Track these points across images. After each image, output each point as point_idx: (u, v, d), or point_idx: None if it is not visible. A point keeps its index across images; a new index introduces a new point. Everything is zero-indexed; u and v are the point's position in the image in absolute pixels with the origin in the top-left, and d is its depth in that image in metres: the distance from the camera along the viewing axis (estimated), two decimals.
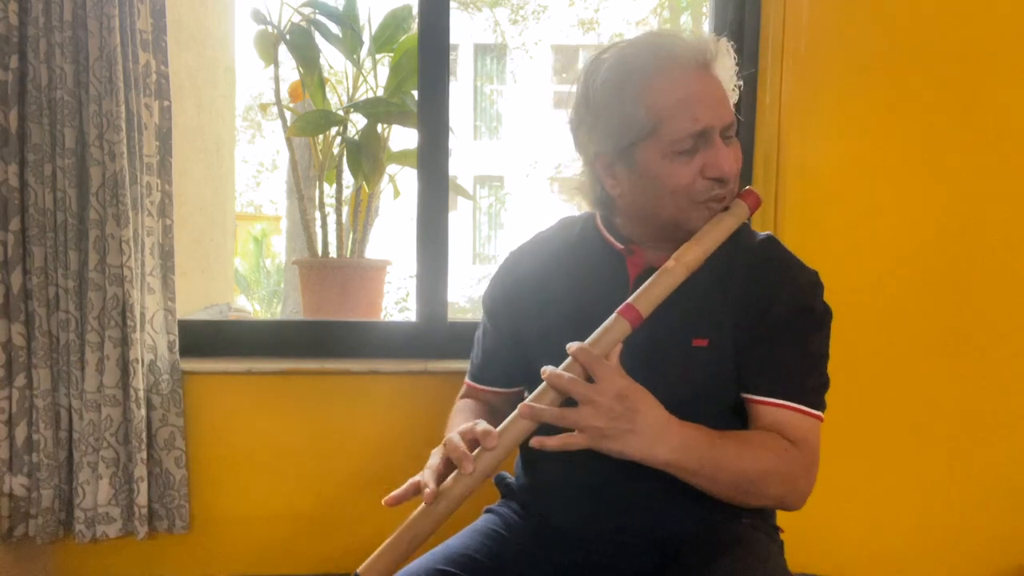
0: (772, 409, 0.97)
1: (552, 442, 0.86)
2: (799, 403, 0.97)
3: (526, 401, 0.89)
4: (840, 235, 1.65)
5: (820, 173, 1.64)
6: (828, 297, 1.04)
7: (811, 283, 1.03)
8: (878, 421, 1.68)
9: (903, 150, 1.65)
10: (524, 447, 1.16)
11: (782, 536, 1.12)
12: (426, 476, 0.90)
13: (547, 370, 0.88)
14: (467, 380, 1.22)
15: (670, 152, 0.95)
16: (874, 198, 1.65)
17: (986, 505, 1.70)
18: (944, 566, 1.71)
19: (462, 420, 1.06)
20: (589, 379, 0.88)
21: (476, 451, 0.89)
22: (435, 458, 0.92)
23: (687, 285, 0.97)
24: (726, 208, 1.00)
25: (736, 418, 1.02)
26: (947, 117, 1.64)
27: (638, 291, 0.93)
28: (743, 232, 1.05)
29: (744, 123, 1.70)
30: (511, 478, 1.21)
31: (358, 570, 0.86)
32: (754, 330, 0.99)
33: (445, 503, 0.87)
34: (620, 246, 1.07)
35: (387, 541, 0.88)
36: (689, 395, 0.93)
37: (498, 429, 0.89)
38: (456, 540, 1.09)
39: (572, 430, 0.87)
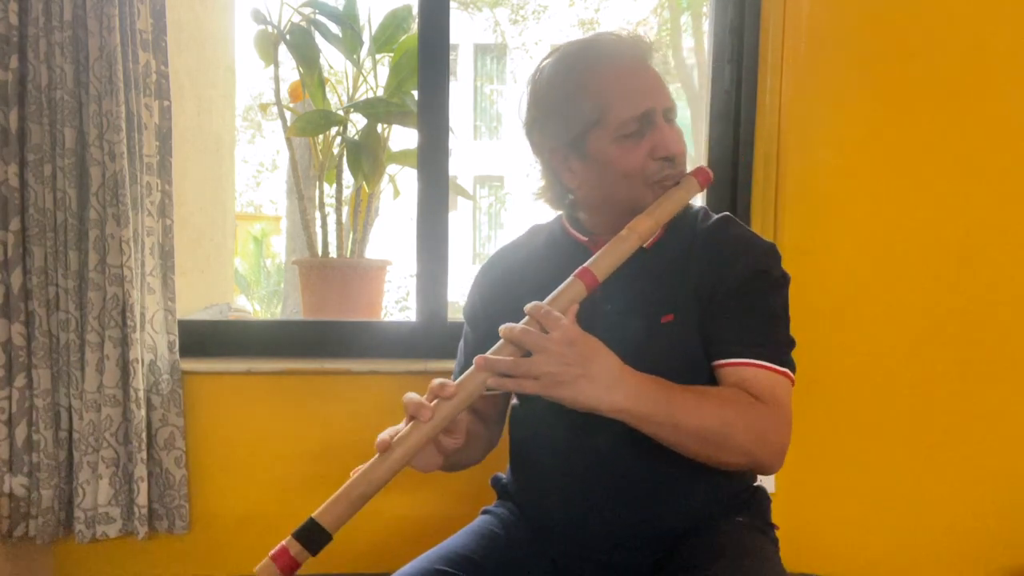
0: (736, 368, 1.00)
1: (508, 383, 0.89)
2: (761, 359, 0.99)
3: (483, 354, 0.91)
4: (840, 235, 1.65)
5: (820, 173, 1.64)
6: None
7: (766, 251, 1.07)
8: (877, 420, 1.68)
9: (903, 150, 1.65)
10: (515, 449, 1.18)
11: (777, 534, 1.13)
12: (384, 434, 0.91)
13: (504, 326, 0.91)
14: None
15: (618, 136, 1.01)
16: (874, 198, 1.65)
17: (986, 505, 1.70)
18: (943, 566, 1.71)
19: None
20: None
21: (434, 402, 0.90)
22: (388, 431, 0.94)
23: (651, 265, 1.04)
24: (676, 184, 1.04)
25: None
26: (947, 116, 1.64)
27: (593, 257, 0.97)
28: (701, 215, 1.11)
29: (744, 123, 1.70)
30: (506, 479, 1.21)
31: (312, 515, 0.87)
32: (714, 298, 1.02)
33: (401, 450, 0.88)
34: (584, 239, 1.12)
35: (341, 488, 0.89)
36: (661, 372, 0.94)
37: (455, 382, 0.91)
38: (453, 541, 1.09)
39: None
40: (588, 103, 1.01)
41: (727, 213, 1.12)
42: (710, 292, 1.02)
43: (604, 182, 1.04)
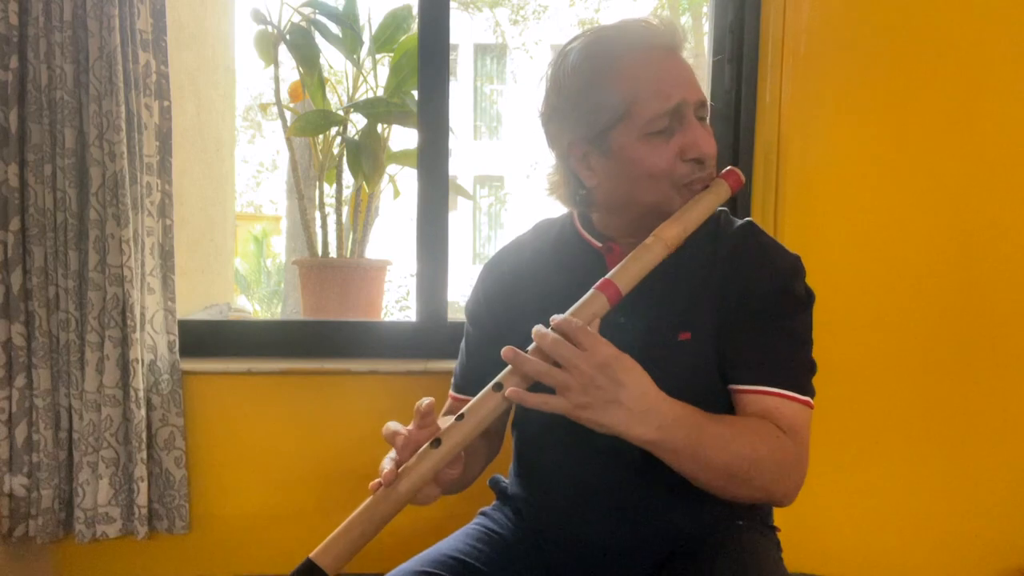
0: (759, 397, 0.93)
1: (532, 399, 0.83)
2: (786, 388, 0.93)
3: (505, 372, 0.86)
4: (840, 235, 1.65)
5: (820, 173, 1.64)
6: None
7: (790, 266, 0.99)
8: (877, 420, 1.68)
9: (903, 149, 1.65)
10: (518, 451, 1.15)
11: (778, 535, 1.12)
12: (385, 464, 0.87)
13: (538, 329, 0.85)
14: (451, 392, 1.18)
15: (645, 133, 0.93)
16: (874, 198, 1.65)
17: (985, 505, 1.70)
18: (944, 566, 1.71)
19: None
20: None
21: (447, 426, 0.86)
22: (388, 461, 0.88)
23: (670, 279, 0.96)
24: (706, 187, 0.97)
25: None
26: (947, 116, 1.64)
27: (616, 267, 0.90)
28: (723, 220, 1.03)
29: (744, 123, 1.70)
30: (505, 481, 1.19)
31: (310, 555, 0.81)
32: (735, 317, 0.96)
33: (407, 483, 0.83)
34: (599, 244, 1.05)
35: (341, 526, 0.82)
36: (678, 392, 0.89)
37: (471, 402, 0.86)
38: (446, 543, 1.07)
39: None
40: (615, 95, 0.93)
41: (750, 219, 1.04)
42: (730, 309, 0.96)
43: (626, 182, 0.96)
